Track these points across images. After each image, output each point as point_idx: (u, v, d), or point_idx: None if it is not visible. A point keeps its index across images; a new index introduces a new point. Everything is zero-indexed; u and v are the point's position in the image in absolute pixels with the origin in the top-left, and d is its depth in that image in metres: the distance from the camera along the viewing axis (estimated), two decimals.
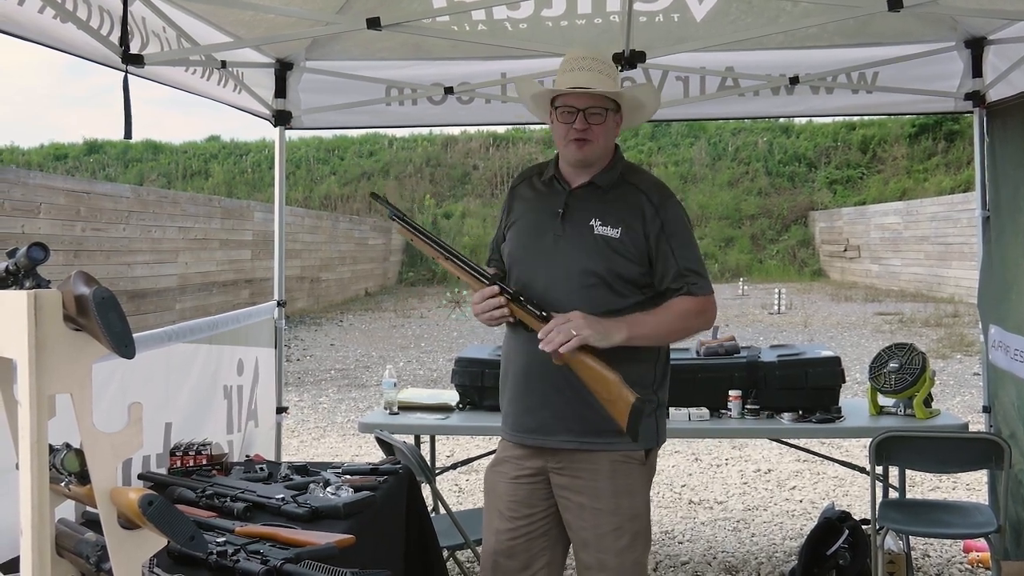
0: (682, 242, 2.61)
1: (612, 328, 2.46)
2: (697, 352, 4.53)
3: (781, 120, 29.23)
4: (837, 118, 27.43)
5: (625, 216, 2.58)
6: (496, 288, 2.54)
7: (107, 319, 1.51)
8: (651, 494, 5.64)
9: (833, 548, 4.01)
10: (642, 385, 2.54)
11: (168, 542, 1.65)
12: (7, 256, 1.81)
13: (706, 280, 2.63)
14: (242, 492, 2.80)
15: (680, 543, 5.05)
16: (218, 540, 2.30)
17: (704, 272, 2.64)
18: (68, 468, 1.72)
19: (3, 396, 1.98)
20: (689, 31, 4.11)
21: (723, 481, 6.36)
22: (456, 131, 31.81)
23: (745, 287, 22.49)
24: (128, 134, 2.98)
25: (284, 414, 4.77)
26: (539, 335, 2.44)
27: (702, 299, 2.60)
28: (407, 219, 2.63)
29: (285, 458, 4.82)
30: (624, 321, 2.50)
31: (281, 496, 2.76)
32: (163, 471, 3.18)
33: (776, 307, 18.15)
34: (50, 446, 1.66)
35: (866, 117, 26.35)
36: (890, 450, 3.78)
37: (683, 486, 6.24)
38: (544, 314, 2.49)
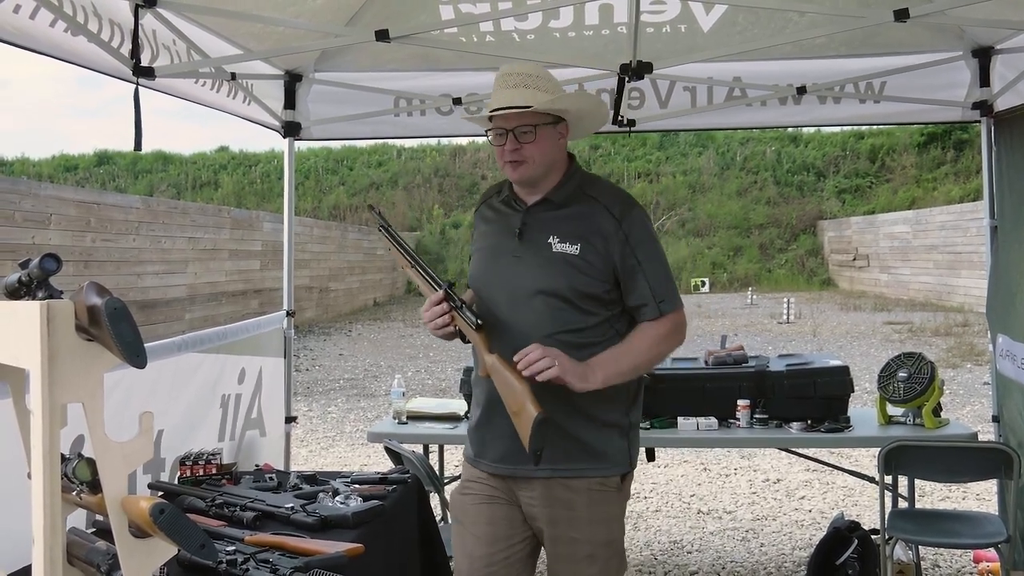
0: (648, 255, 2.45)
1: (588, 373, 2.33)
2: (705, 362, 4.53)
3: (789, 130, 29.21)
4: (845, 127, 27.39)
5: (584, 231, 2.43)
6: (442, 294, 2.44)
7: (119, 329, 1.53)
8: (660, 503, 5.62)
9: (842, 558, 4.00)
10: (615, 408, 2.46)
11: (178, 551, 1.66)
12: (20, 267, 1.83)
13: (675, 294, 2.48)
14: (251, 501, 2.81)
15: (689, 553, 5.04)
16: (228, 549, 2.31)
17: (673, 285, 2.50)
18: (80, 477, 1.74)
19: (15, 405, 2.00)
20: (696, 41, 4.13)
21: (732, 491, 6.35)
22: (464, 141, 31.89)
23: (754, 296, 22.45)
24: (138, 145, 3.01)
25: (293, 424, 4.78)
26: (516, 357, 2.29)
27: (672, 317, 2.44)
28: (391, 229, 2.60)
29: (294, 467, 4.84)
30: (598, 365, 2.35)
31: (290, 505, 2.77)
32: (166, 478, 3.19)
33: (785, 316, 18.11)
34: (62, 455, 1.67)
35: (874, 126, 26.31)
36: (899, 459, 3.77)
37: (692, 496, 6.23)
38: (479, 323, 2.38)
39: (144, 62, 3.18)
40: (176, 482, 3.15)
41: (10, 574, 1.92)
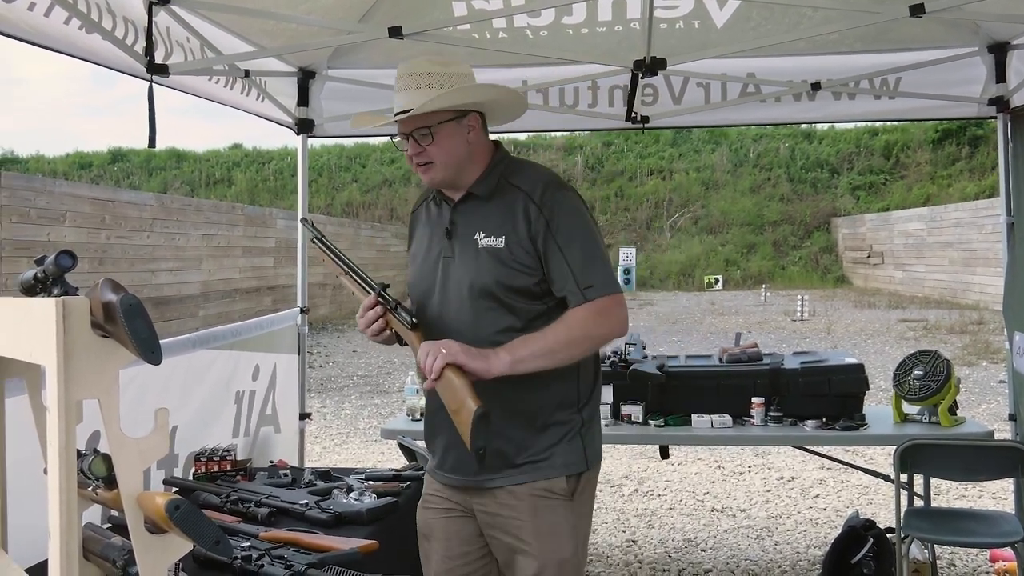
0: (571, 239, 2.27)
1: (491, 356, 2.16)
2: (720, 359, 4.51)
3: (803, 126, 29.11)
4: (859, 124, 27.29)
5: (506, 222, 2.30)
6: (374, 297, 2.36)
7: (134, 326, 1.53)
8: (674, 501, 5.59)
9: (858, 557, 3.98)
10: (563, 406, 2.33)
11: (194, 546, 1.66)
12: (35, 264, 1.84)
13: (605, 280, 2.27)
14: (266, 497, 2.82)
15: (703, 551, 5.03)
16: (243, 545, 2.31)
17: (602, 270, 2.29)
18: (95, 473, 1.74)
19: (31, 401, 2.01)
20: (710, 37, 4.11)
21: (746, 489, 6.33)
22: None
23: (767, 294, 22.38)
24: (152, 143, 3.02)
25: (307, 420, 4.79)
26: (420, 364, 2.18)
27: (599, 301, 2.24)
28: (325, 240, 2.56)
29: (308, 464, 4.85)
30: (505, 348, 2.19)
31: (305, 501, 2.78)
32: (181, 475, 3.20)
33: (799, 314, 18.05)
34: (78, 451, 1.68)
35: (889, 123, 26.20)
36: (915, 458, 3.75)
37: (706, 493, 6.21)
38: (414, 321, 2.29)
39: (158, 59, 3.18)
40: (191, 478, 3.16)
41: (27, 569, 1.93)
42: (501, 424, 2.23)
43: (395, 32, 3.08)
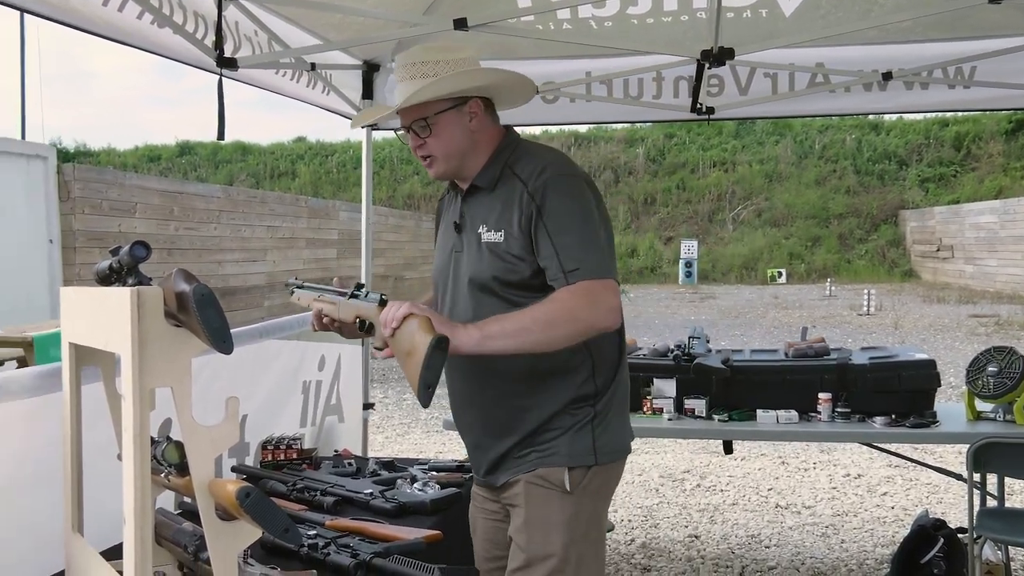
0: (560, 223, 2.11)
1: (459, 327, 2.02)
2: (786, 353, 4.44)
3: (870, 117, 28.55)
4: (929, 114, 26.64)
5: (505, 215, 2.18)
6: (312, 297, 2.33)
7: (206, 315, 1.55)
8: (737, 497, 5.52)
9: (928, 557, 3.89)
10: (575, 400, 2.20)
11: (262, 533, 1.68)
12: (111, 254, 1.88)
13: (594, 265, 2.08)
14: (331, 486, 2.84)
15: (767, 547, 4.96)
16: (309, 533, 2.34)
17: (593, 254, 2.10)
18: (168, 460, 1.78)
19: (106, 389, 2.05)
20: (778, 26, 4.03)
21: (811, 485, 6.23)
22: (537, 130, 31.85)
23: (832, 288, 22.02)
24: (221, 135, 3.05)
25: (371, 410, 4.83)
26: (381, 320, 2.04)
27: (583, 284, 2.06)
28: (303, 285, 2.50)
29: (371, 453, 4.89)
30: (475, 324, 2.05)
31: (369, 491, 2.80)
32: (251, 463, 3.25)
33: (865, 308, 17.73)
34: (151, 438, 1.71)
35: (960, 113, 25.57)
36: (988, 457, 3.65)
37: (769, 489, 6.13)
38: (384, 297, 2.13)
39: (227, 53, 3.22)
40: (258, 466, 3.21)
41: (100, 552, 1.97)
42: (508, 421, 2.21)
43: (460, 24, 3.08)
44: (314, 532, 2.37)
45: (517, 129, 2.38)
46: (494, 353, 2.03)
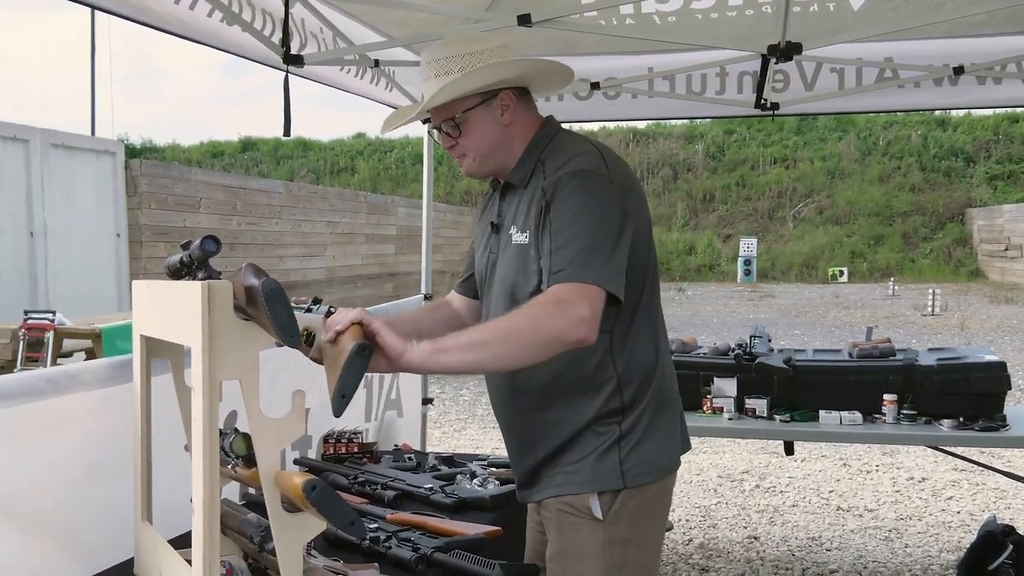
0: (562, 224, 1.91)
1: (408, 342, 1.76)
2: (850, 354, 4.37)
3: (937, 112, 27.93)
4: (999, 110, 25.98)
5: (531, 212, 2.02)
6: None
7: (275, 309, 1.57)
8: (797, 498, 5.43)
9: (996, 563, 3.80)
10: (601, 414, 2.01)
11: (327, 526, 1.70)
12: (182, 248, 1.91)
13: (581, 267, 1.85)
14: (392, 480, 2.86)
15: (828, 551, 4.89)
16: (370, 526, 2.35)
17: (584, 256, 1.86)
18: (236, 451, 1.80)
19: (175, 382, 2.09)
20: (846, 20, 3.96)
21: (873, 488, 6.12)
22: (595, 126, 31.77)
23: (895, 287, 21.60)
24: (287, 131, 3.09)
25: (429, 405, 4.86)
26: (326, 325, 1.79)
27: (560, 288, 1.84)
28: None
29: (430, 448, 4.92)
30: (428, 339, 1.79)
31: (429, 486, 2.81)
32: (313, 456, 3.28)
33: (929, 308, 17.37)
34: (219, 429, 1.74)
35: None
36: None
37: (831, 492, 6.04)
38: (331, 310, 1.94)
39: (293, 50, 3.26)
40: (320, 459, 3.24)
41: (168, 540, 2.01)
42: (533, 436, 2.09)
43: (524, 20, 3.08)
44: (375, 525, 2.38)
45: (577, 125, 2.30)
46: (448, 369, 1.81)
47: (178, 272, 1.89)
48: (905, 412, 4.05)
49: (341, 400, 1.66)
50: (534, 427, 2.08)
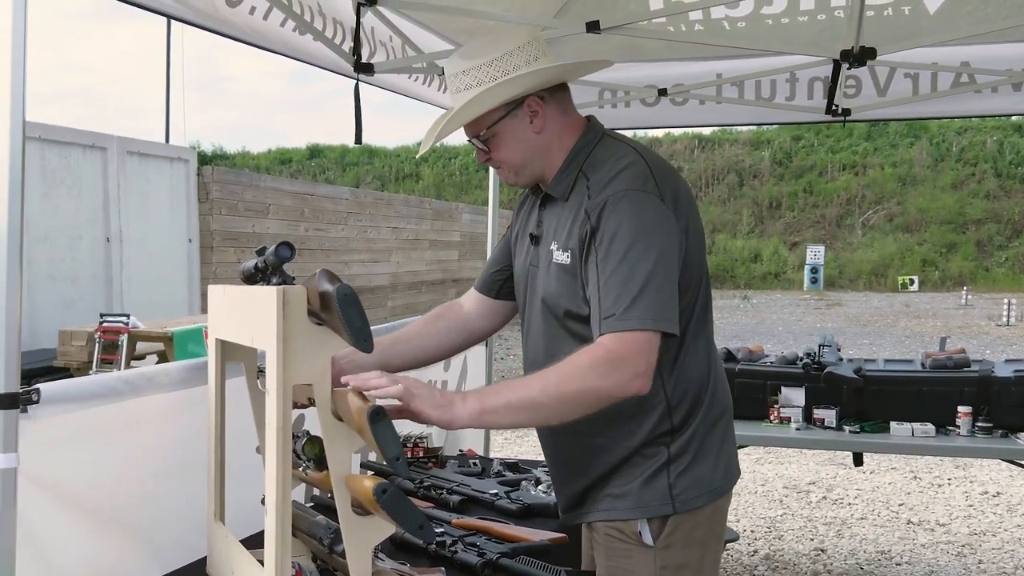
0: (610, 253, 1.79)
1: (457, 403, 1.76)
2: (923, 364, 4.28)
3: (1013, 118, 27.21)
4: None
5: (573, 230, 1.90)
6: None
7: (348, 314, 1.59)
8: (866, 511, 5.34)
9: None
10: (650, 437, 1.94)
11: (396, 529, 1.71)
12: (256, 254, 1.94)
13: (634, 311, 1.74)
14: (457, 485, 2.87)
15: (898, 565, 4.78)
16: (437, 531, 2.37)
17: (637, 298, 1.75)
18: (308, 454, 1.83)
19: (248, 384, 2.13)
20: (921, 24, 3.88)
21: (945, 502, 5.97)
22: (660, 133, 31.55)
23: (968, 296, 21.08)
24: (359, 139, 3.13)
25: None
26: (360, 384, 1.72)
27: (608, 341, 1.75)
28: None
29: (492, 454, 4.93)
30: (474, 394, 1.79)
31: (494, 491, 2.81)
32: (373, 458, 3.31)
33: (1004, 319, 16.91)
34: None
35: None
36: None
37: (900, 505, 5.91)
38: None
39: (364, 59, 3.30)
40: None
41: (241, 540, 2.05)
42: (580, 461, 2.02)
43: (592, 26, 3.07)
44: (441, 530, 2.39)
45: (642, 132, 2.25)
46: (499, 427, 1.82)
47: (252, 277, 1.92)
48: (980, 424, 3.95)
49: (396, 463, 1.59)
50: (581, 452, 2.01)
